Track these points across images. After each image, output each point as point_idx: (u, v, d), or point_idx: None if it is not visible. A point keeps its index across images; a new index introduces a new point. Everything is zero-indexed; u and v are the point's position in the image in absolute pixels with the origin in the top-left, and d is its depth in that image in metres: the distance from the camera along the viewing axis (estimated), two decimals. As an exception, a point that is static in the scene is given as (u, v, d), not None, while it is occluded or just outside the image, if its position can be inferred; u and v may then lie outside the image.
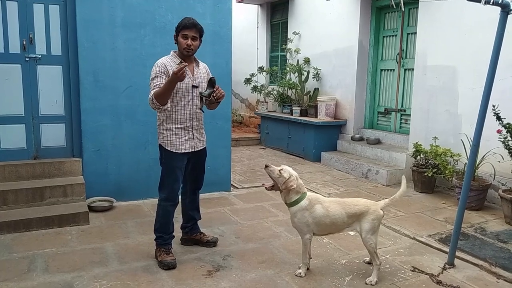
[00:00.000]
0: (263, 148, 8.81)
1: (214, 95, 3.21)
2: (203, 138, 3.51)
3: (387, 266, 3.39)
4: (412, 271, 3.34)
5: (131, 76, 4.76)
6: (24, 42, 4.41)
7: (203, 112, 3.45)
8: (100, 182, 4.72)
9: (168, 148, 3.30)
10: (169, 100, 3.20)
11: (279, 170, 3.14)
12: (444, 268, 3.39)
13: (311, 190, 5.61)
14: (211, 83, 3.16)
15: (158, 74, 3.21)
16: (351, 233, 3.91)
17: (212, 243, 3.71)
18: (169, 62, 3.27)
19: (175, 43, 3.32)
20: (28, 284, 3.00)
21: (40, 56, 4.49)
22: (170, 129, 3.29)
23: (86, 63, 4.56)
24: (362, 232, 3.11)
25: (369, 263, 3.38)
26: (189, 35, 3.23)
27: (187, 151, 3.35)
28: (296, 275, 3.19)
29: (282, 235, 4.04)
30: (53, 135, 4.67)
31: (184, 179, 3.49)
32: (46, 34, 4.50)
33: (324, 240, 3.89)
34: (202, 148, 3.50)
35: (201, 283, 3.08)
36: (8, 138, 4.48)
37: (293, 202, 3.15)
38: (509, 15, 3.05)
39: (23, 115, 4.51)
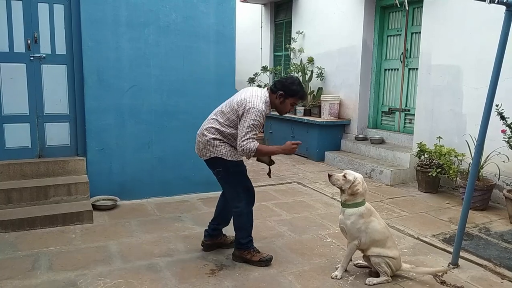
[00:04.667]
0: (267, 148, 8.78)
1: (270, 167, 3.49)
2: None
3: (391, 266, 3.38)
4: (416, 271, 3.33)
5: (135, 76, 4.77)
6: (29, 41, 4.43)
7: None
8: (104, 181, 4.74)
9: (230, 159, 3.29)
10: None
11: (343, 175, 3.09)
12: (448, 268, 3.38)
13: (314, 190, 5.61)
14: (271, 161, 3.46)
15: (259, 122, 3.16)
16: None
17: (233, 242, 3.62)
18: (265, 109, 3.24)
19: (278, 99, 3.29)
20: (32, 282, 3.01)
21: (44, 55, 4.51)
22: (229, 145, 3.30)
23: (90, 62, 4.58)
24: (383, 257, 3.08)
25: (361, 266, 3.34)
26: (296, 104, 3.50)
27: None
28: (332, 278, 3.16)
29: (285, 234, 4.04)
30: (58, 134, 4.69)
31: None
32: (50, 33, 4.52)
33: (328, 240, 3.89)
34: None
35: (204, 282, 3.08)
36: (12, 137, 4.50)
37: (353, 204, 3.08)
38: (514, 14, 3.03)
39: (28, 114, 4.53)
